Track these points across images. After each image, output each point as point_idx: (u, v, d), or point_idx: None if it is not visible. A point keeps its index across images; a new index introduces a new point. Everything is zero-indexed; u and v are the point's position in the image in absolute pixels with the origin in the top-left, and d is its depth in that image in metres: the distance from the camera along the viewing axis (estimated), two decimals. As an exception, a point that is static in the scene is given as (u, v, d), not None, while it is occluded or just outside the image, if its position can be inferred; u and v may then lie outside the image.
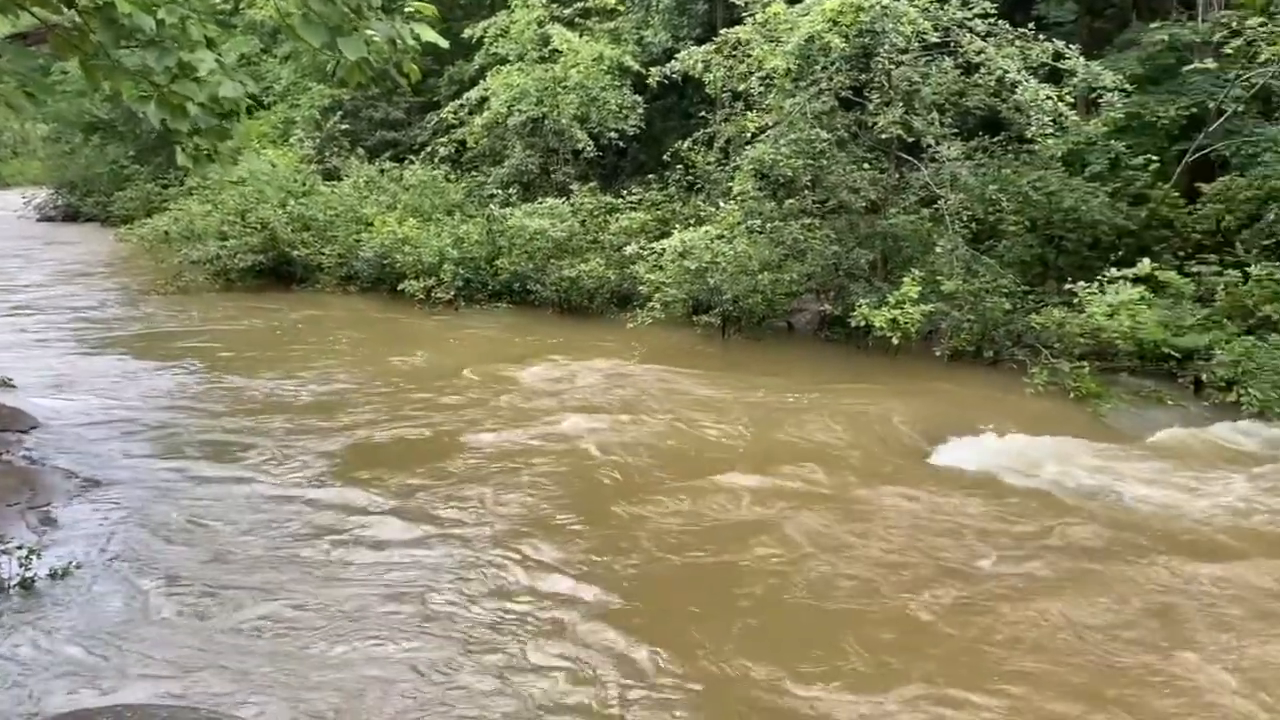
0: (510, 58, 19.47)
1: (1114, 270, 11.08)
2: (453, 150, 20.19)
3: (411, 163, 20.86)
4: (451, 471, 7.95)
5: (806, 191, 13.84)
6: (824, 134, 13.23)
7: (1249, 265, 11.73)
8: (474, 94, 19.54)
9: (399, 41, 3.89)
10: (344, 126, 23.85)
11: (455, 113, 19.75)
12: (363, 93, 23.46)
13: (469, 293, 17.07)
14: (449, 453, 8.44)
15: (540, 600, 5.68)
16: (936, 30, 12.37)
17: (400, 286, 17.05)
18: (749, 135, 14.21)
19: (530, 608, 5.59)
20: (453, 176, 20.37)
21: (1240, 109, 12.90)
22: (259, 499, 7.33)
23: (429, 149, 20.59)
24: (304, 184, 20.62)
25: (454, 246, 17.12)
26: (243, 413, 9.81)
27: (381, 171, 21.18)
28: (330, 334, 14.65)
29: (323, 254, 18.81)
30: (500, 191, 18.73)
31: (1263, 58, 10.91)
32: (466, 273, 17.00)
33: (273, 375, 11.56)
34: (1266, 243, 12.33)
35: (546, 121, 19.11)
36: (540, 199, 18.02)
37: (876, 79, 12.94)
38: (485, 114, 19.08)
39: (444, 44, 4.02)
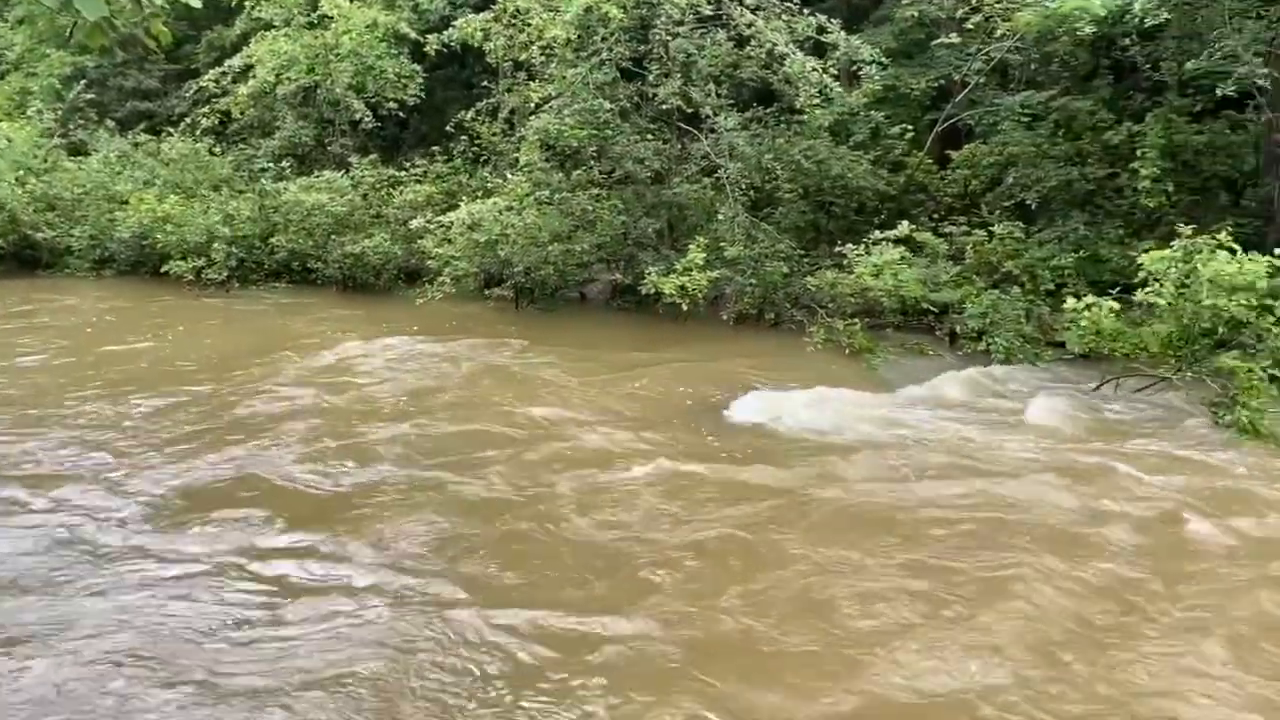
0: (276, 23, 18.38)
1: (877, 233, 11.88)
2: (216, 121, 18.90)
3: (170, 135, 19.38)
4: (228, 461, 7.48)
5: (593, 162, 13.97)
6: (607, 105, 13.38)
7: (993, 225, 12.88)
8: (237, 61, 18.33)
9: (145, 1, 3.59)
10: (90, 96, 21.85)
11: (217, 81, 18.45)
12: (109, 59, 21.53)
13: (243, 273, 16.13)
14: (219, 445, 7.89)
15: (331, 579, 5.49)
16: (709, 3, 12.73)
17: (164, 268, 15.88)
18: (533, 106, 14.15)
19: (314, 581, 5.41)
20: (218, 149, 19.12)
21: (981, 81, 14.06)
22: None
23: (189, 120, 19.18)
24: (46, 160, 18.74)
25: (224, 224, 16.11)
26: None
27: (136, 145, 19.59)
28: (68, 320, 13.44)
29: (71, 236, 17.21)
30: (272, 165, 17.76)
31: (999, 33, 11.93)
32: (240, 252, 16.05)
33: None
34: (1007, 204, 13.56)
35: (320, 91, 18.26)
36: (317, 172, 17.22)
37: (655, 50, 13.19)
38: (250, 83, 17.95)
39: (196, 3, 3.75)
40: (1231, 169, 12.73)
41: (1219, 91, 10.70)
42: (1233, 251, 8.97)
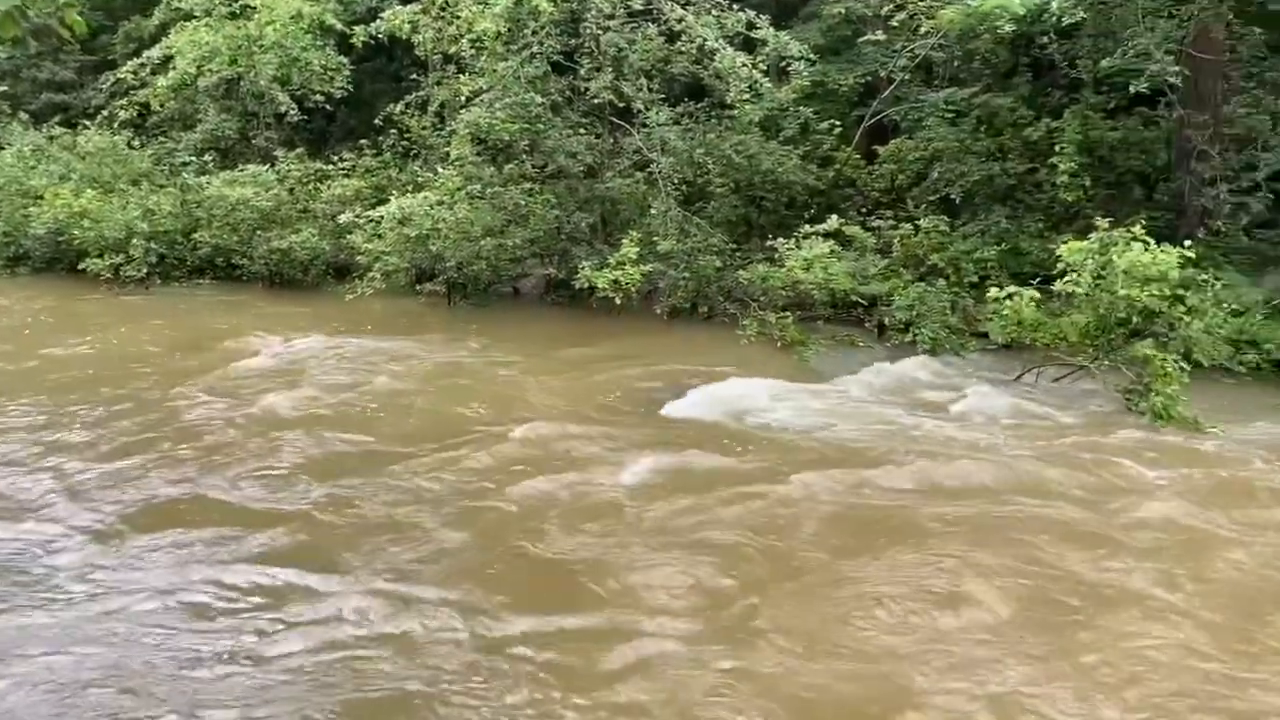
0: (196, 13, 17.88)
1: (807, 227, 12.05)
2: (135, 114, 18.31)
3: (86, 128, 18.76)
4: (179, 477, 7.25)
5: (525, 156, 13.91)
6: (538, 98, 13.32)
7: (919, 219, 13.16)
8: (156, 52, 17.75)
9: (58, -10, 3.49)
10: (2, 89, 21.02)
11: (135, 73, 17.87)
12: (22, 50, 20.73)
13: (165, 270, 15.71)
14: (168, 458, 7.67)
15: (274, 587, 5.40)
16: (640, -3, 12.77)
17: (81, 266, 15.38)
18: (463, 99, 14.02)
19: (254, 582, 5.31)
20: (137, 143, 18.56)
21: (906, 77, 14.35)
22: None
23: (106, 113, 18.56)
24: (-48, 154, 18.02)
25: (143, 219, 15.67)
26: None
27: (51, 139, 18.92)
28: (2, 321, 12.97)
29: (-17, 233, 16.59)
30: (194, 159, 17.34)
31: (923, 30, 12.19)
32: (160, 248, 15.62)
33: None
34: (932, 198, 13.87)
35: (243, 83, 17.84)
36: (241, 166, 16.87)
37: (586, 44, 13.18)
38: (170, 74, 17.43)
39: (113, -6, 3.65)
40: (1145, 164, 13.20)
41: (1132, 89, 11.08)
42: (1146, 244, 9.31)
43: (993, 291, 10.20)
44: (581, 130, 13.88)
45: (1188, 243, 9.64)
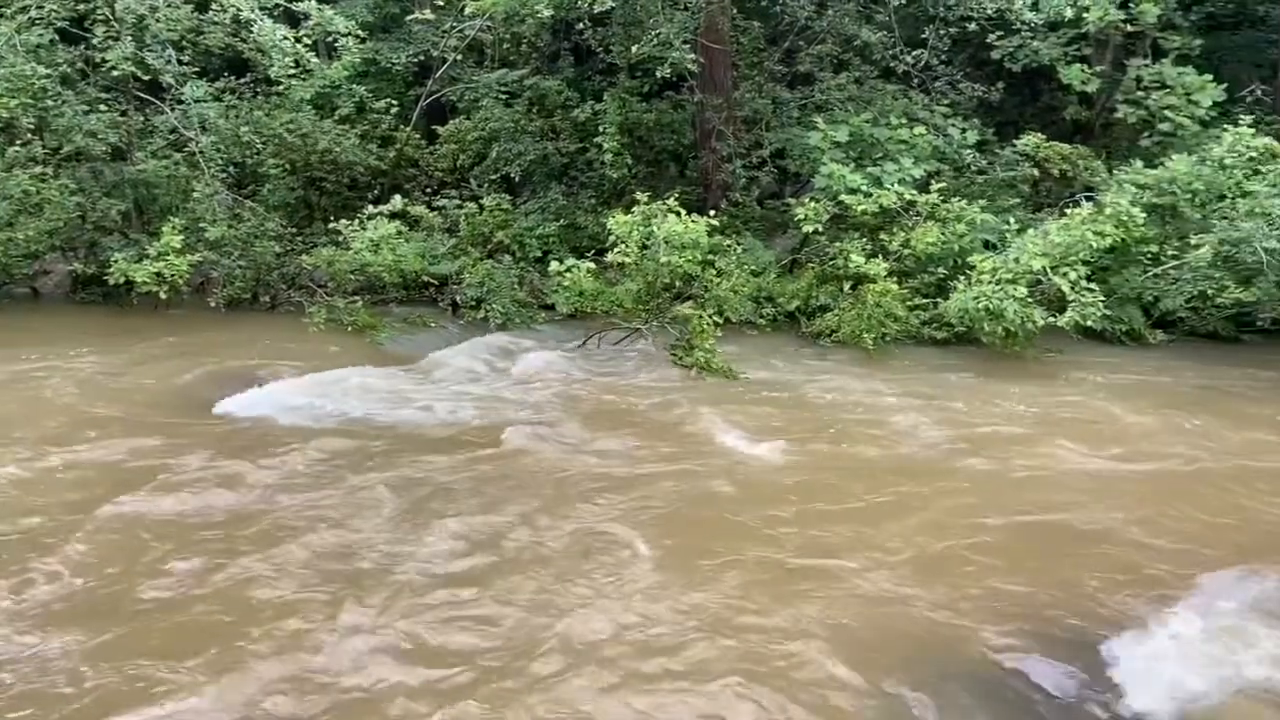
0: None
1: (372, 208, 11.79)
2: None
3: None
4: None
5: (31, 136, 12.05)
6: (43, 70, 11.58)
7: (483, 198, 13.45)
8: None
9: None
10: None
11: None
12: None
13: None
14: None
15: None
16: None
17: None
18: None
19: None
20: None
21: (459, 58, 14.51)
22: None
23: None
24: None
25: None
26: None
27: None
28: None
29: None
30: None
31: (469, 10, 12.35)
32: None
33: None
34: (494, 177, 14.25)
35: None
36: None
37: (100, 10, 11.67)
38: None
39: None
40: (676, 143, 14.63)
41: (659, 74, 12.19)
42: (680, 215, 10.33)
43: (554, 265, 10.73)
44: (102, 107, 12.29)
45: (713, 213, 10.89)
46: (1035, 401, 8.53)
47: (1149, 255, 10.62)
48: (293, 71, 11.83)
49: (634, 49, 12.23)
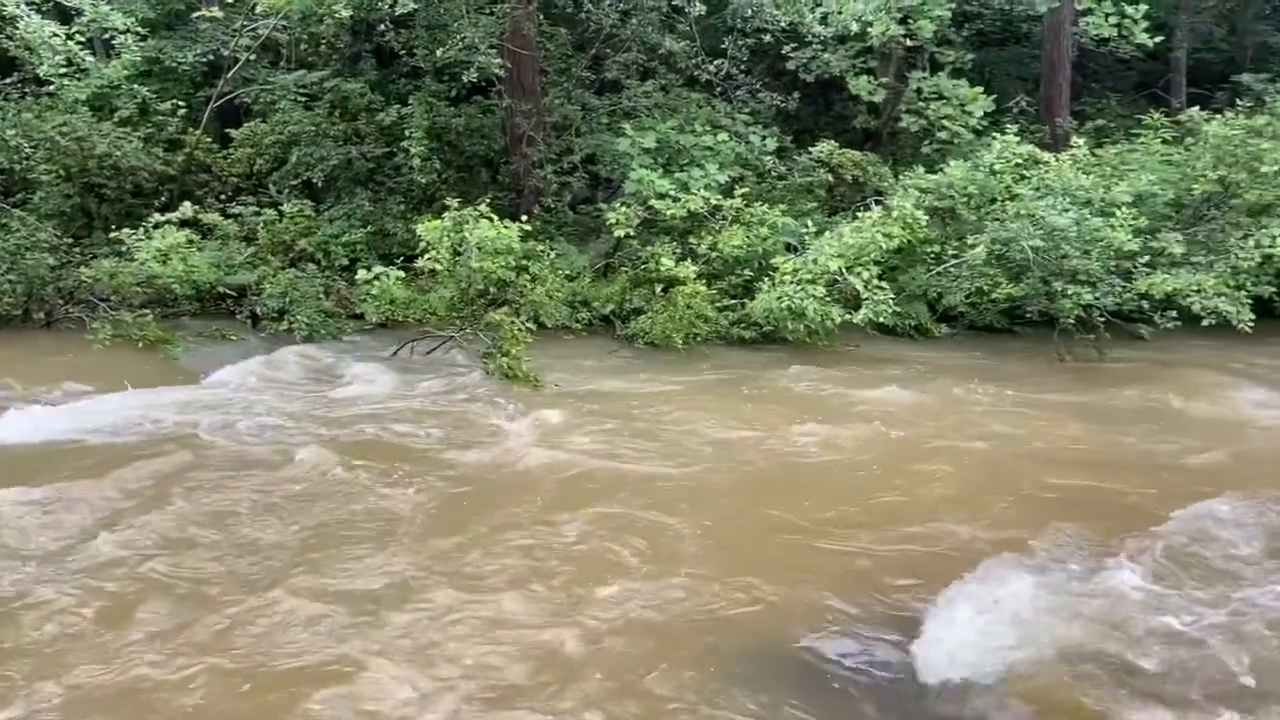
0: None
1: (159, 216, 11.09)
2: None
3: None
4: None
5: None
6: None
7: (282, 204, 12.87)
8: None
9: None
10: None
11: None
12: None
13: None
14: None
15: None
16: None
17: None
18: None
19: None
20: None
21: (252, 58, 13.83)
22: None
23: None
24: None
25: None
26: None
27: None
28: None
29: None
30: None
31: (260, 9, 11.80)
32: None
33: None
34: (294, 183, 13.66)
35: None
36: None
37: None
38: None
39: None
40: (487, 148, 14.51)
41: (465, 78, 12.07)
42: (492, 220, 10.26)
43: (361, 274, 10.42)
44: None
45: (525, 218, 10.88)
46: (832, 392, 9.02)
47: (932, 255, 11.42)
48: (65, 71, 10.96)
49: (439, 52, 12.07)
